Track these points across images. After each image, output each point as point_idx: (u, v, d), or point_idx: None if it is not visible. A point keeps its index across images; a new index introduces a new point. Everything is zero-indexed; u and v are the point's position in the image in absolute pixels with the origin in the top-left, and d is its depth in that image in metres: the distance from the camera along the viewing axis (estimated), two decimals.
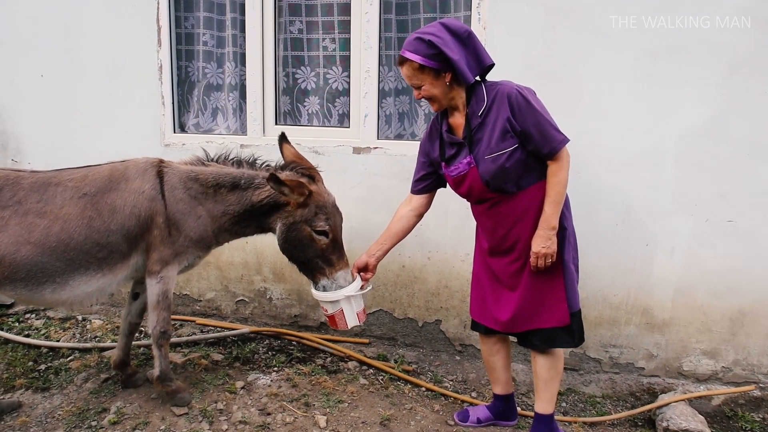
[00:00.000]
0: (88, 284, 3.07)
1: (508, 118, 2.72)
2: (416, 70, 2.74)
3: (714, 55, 3.43)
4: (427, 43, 2.67)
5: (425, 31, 2.72)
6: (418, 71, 2.74)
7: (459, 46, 2.71)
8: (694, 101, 3.51)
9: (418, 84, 2.78)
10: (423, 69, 2.72)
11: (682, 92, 3.51)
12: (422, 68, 2.72)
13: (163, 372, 3.33)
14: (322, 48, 4.21)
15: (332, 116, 4.29)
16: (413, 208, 3.16)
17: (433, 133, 3.02)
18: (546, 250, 2.78)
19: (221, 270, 4.48)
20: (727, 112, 3.47)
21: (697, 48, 3.45)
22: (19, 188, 3.02)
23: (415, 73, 2.75)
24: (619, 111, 3.62)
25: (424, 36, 2.68)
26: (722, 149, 3.51)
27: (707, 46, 3.44)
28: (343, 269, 3.23)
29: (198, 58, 4.39)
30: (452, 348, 4.15)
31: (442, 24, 2.73)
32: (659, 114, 3.57)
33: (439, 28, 2.71)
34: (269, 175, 2.92)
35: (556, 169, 2.76)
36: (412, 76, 2.77)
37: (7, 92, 4.61)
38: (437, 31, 2.69)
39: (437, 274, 4.09)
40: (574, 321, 2.93)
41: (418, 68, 2.73)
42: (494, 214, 2.92)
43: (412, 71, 2.75)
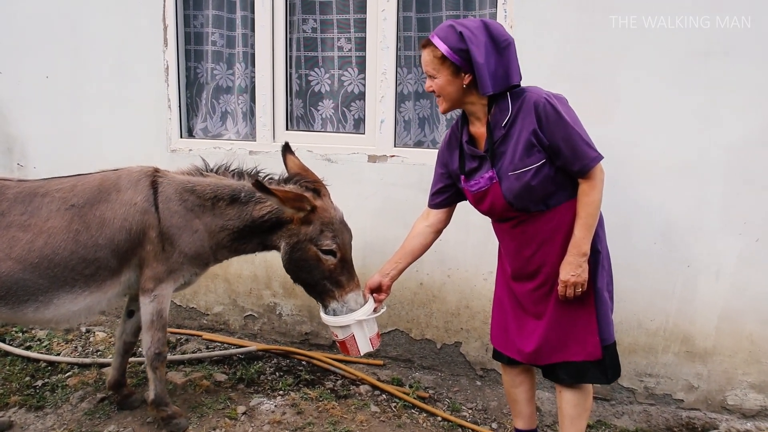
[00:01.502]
0: (74, 303, 2.85)
1: (535, 131, 2.42)
2: (437, 59, 2.46)
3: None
4: (458, 35, 2.40)
5: (463, 23, 2.44)
6: (438, 60, 2.46)
7: (492, 52, 2.41)
8: (745, 107, 3.15)
9: (434, 74, 2.50)
10: (444, 60, 2.44)
11: (731, 97, 3.16)
12: (443, 59, 2.44)
13: (158, 396, 3.10)
14: (337, 48, 3.94)
15: (347, 121, 4.02)
16: (431, 223, 2.87)
17: (453, 141, 2.72)
18: (576, 279, 2.47)
19: (229, 283, 4.25)
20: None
21: (749, 49, 3.09)
22: (3, 199, 2.81)
23: (435, 61, 2.47)
24: (659, 117, 3.27)
25: (458, 27, 2.41)
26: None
27: (761, 46, 3.08)
28: (354, 291, 2.96)
29: (207, 58, 4.16)
30: (473, 372, 3.84)
31: (483, 22, 2.44)
32: (705, 121, 3.22)
33: (479, 25, 2.43)
34: (254, 182, 2.67)
35: (587, 189, 2.45)
36: (429, 63, 2.49)
37: (13, 94, 4.45)
38: (475, 28, 2.41)
39: (457, 293, 3.79)
40: (607, 355, 2.61)
41: (440, 57, 2.45)
42: (518, 235, 2.61)
43: (431, 58, 2.48)
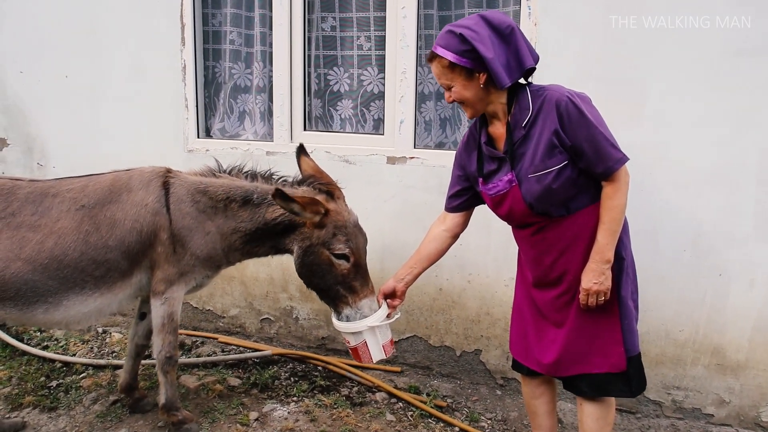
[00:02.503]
0: (84, 304, 2.81)
1: (556, 131, 2.30)
2: (446, 68, 2.36)
3: None
4: (459, 38, 2.29)
5: (460, 23, 2.34)
6: (448, 69, 2.35)
7: (498, 43, 2.30)
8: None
9: (448, 84, 2.40)
10: (453, 67, 2.34)
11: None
12: (453, 66, 2.34)
13: (168, 400, 3.05)
14: (357, 47, 3.86)
15: (367, 122, 3.93)
16: (447, 228, 2.77)
17: (471, 142, 2.62)
18: (598, 287, 2.34)
19: (246, 285, 4.19)
20: None
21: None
22: (14, 199, 2.78)
23: (445, 71, 2.37)
24: (690, 119, 3.12)
25: (456, 29, 2.30)
26: None
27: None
28: (368, 297, 2.87)
29: (225, 57, 4.11)
30: (493, 381, 3.72)
31: (481, 17, 2.33)
32: (739, 123, 3.06)
33: (477, 21, 2.31)
34: (274, 190, 2.59)
35: (611, 192, 2.32)
36: (441, 75, 2.39)
37: (33, 93, 4.44)
38: (473, 25, 2.30)
39: (478, 299, 3.68)
40: (631, 367, 2.48)
41: (448, 66, 2.34)
42: (539, 241, 2.50)
43: (441, 69, 2.37)
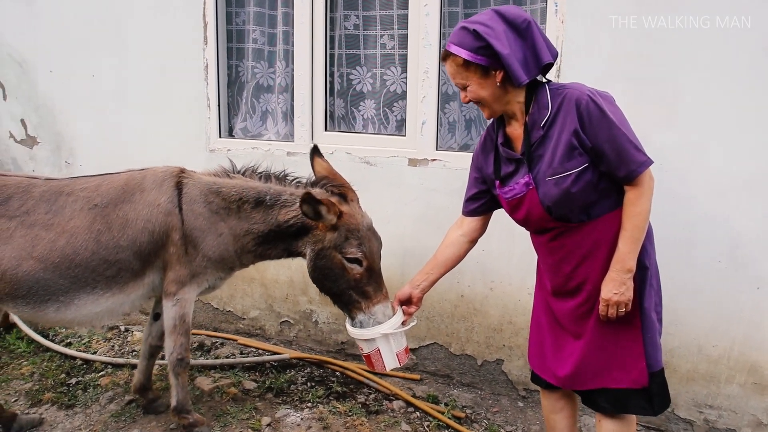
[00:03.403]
0: (96, 304, 2.79)
1: (576, 131, 2.18)
2: (460, 67, 2.25)
3: None
4: (472, 34, 2.18)
5: (474, 19, 2.23)
6: (462, 68, 2.25)
7: (514, 38, 2.19)
8: None
9: (463, 83, 2.29)
10: (468, 65, 2.23)
11: None
12: (467, 64, 2.23)
13: (179, 403, 3.01)
14: (380, 46, 3.77)
15: (389, 122, 3.84)
16: (465, 232, 2.66)
17: (488, 143, 2.50)
18: (619, 297, 2.21)
19: (266, 287, 4.14)
20: None
21: None
22: (29, 197, 2.78)
23: (460, 70, 2.26)
24: (727, 122, 2.94)
25: (470, 25, 2.19)
26: None
27: None
28: (381, 303, 2.77)
29: (248, 56, 4.07)
30: (515, 392, 3.59)
31: (495, 11, 2.22)
32: None
33: (491, 16, 2.20)
34: (303, 195, 2.51)
35: (634, 197, 2.18)
36: (456, 74, 2.29)
37: (62, 92, 4.49)
38: (488, 20, 2.19)
39: (500, 307, 3.55)
40: (654, 383, 2.33)
41: (463, 64, 2.24)
42: (558, 248, 2.37)
43: (455, 68, 2.27)
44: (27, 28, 4.52)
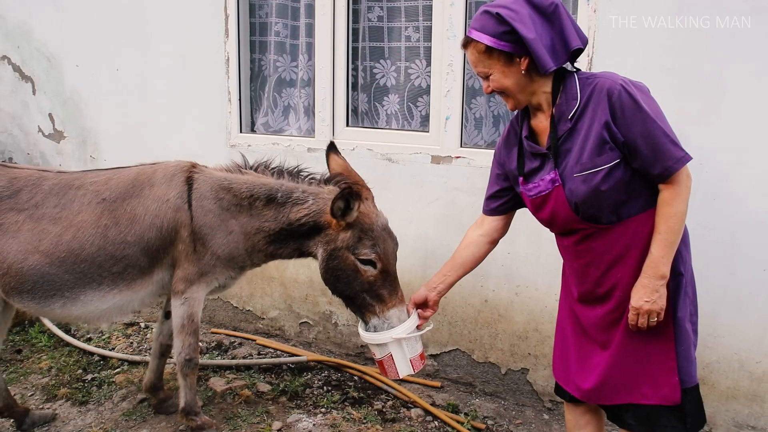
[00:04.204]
0: (103, 301, 2.71)
1: (607, 124, 1.99)
2: (482, 54, 2.08)
3: None
4: (495, 18, 2.02)
5: (496, 3, 2.06)
6: (484, 55, 2.08)
7: (540, 22, 2.02)
8: None
9: (486, 72, 2.12)
10: (491, 52, 2.06)
11: None
12: (490, 51, 2.06)
13: (188, 404, 2.92)
14: (405, 38, 3.63)
15: (413, 118, 3.70)
16: (485, 232, 2.48)
17: (511, 137, 2.33)
18: (650, 306, 2.02)
19: (285, 287, 4.04)
20: None
21: None
22: (39, 190, 2.72)
23: (481, 57, 2.09)
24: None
25: (492, 9, 2.03)
26: None
27: None
28: (396, 307, 2.63)
29: (270, 50, 3.97)
30: (540, 404, 3.39)
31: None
32: None
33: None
34: (345, 188, 2.42)
35: (669, 197, 1.99)
36: (477, 62, 2.12)
37: (88, 87, 4.47)
38: (512, 3, 2.02)
39: (526, 313, 3.36)
40: (687, 400, 2.13)
41: (485, 51, 2.07)
42: (585, 252, 2.18)
43: (477, 55, 2.10)
44: (54, 22, 4.52)
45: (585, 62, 2.97)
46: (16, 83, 4.81)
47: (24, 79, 4.77)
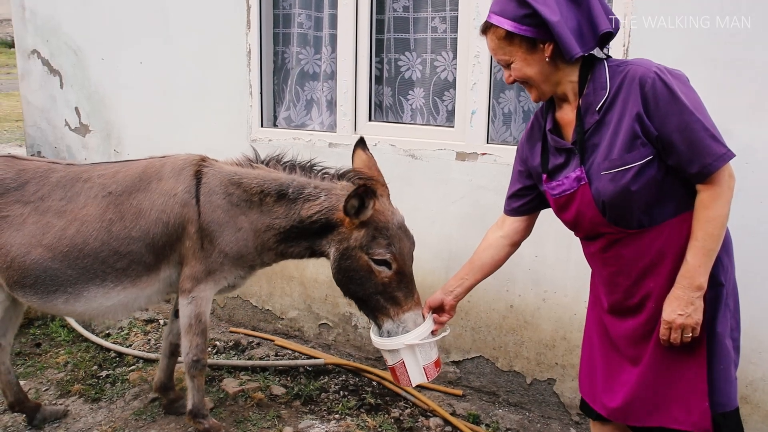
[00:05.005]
0: (107, 297, 2.63)
1: (639, 116, 1.80)
2: (502, 40, 1.91)
3: None
4: (516, 1, 1.84)
5: None
6: (505, 41, 1.91)
7: (566, 3, 1.84)
8: None
9: (507, 60, 1.94)
10: (512, 38, 1.89)
11: None
12: (510, 37, 1.89)
13: (195, 406, 2.82)
14: (431, 29, 3.46)
15: (439, 113, 3.53)
16: (505, 234, 2.31)
17: (535, 131, 2.15)
18: (684, 320, 1.81)
19: (305, 287, 3.92)
20: None
21: None
22: (46, 183, 2.65)
23: (502, 44, 1.92)
24: None
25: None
26: None
27: None
28: (412, 310, 2.48)
29: (293, 42, 3.85)
30: (567, 417, 3.19)
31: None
32: None
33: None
34: (361, 187, 2.29)
35: (709, 199, 1.78)
36: (497, 49, 1.95)
37: (112, 80, 4.44)
38: None
39: (554, 320, 3.16)
40: (726, 425, 1.92)
41: (505, 37, 1.90)
42: (613, 259, 1.99)
43: (497, 42, 1.93)
44: (81, 15, 4.50)
45: (620, 55, 2.76)
46: (45, 77, 4.82)
47: (52, 73, 4.77)
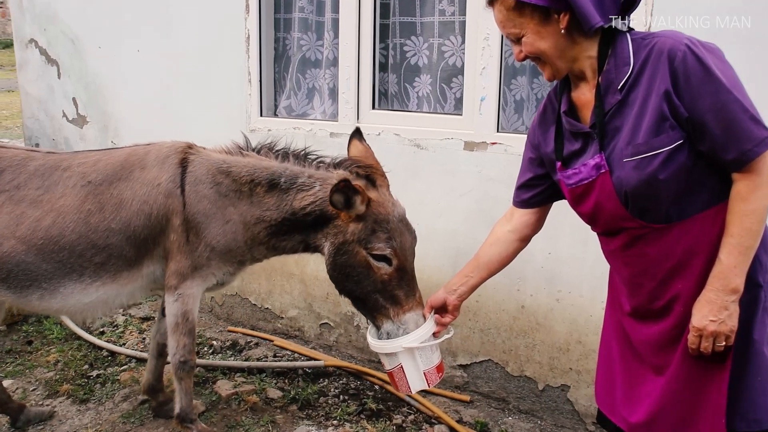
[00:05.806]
0: (85, 293, 2.46)
1: (667, 95, 1.58)
2: (511, 11, 1.69)
3: None
4: None
5: None
6: (513, 12, 1.69)
7: None
8: None
9: (517, 33, 1.72)
10: (522, 8, 1.67)
11: None
12: (520, 7, 1.67)
13: (182, 410, 2.65)
14: (438, 12, 3.25)
15: (447, 101, 3.32)
16: (514, 228, 2.09)
17: (548, 114, 1.93)
18: (716, 327, 1.60)
19: (305, 284, 3.73)
20: None
21: None
22: (22, 171, 2.49)
23: (511, 15, 1.70)
24: None
25: None
26: None
27: None
28: (414, 310, 2.29)
29: (294, 27, 3.66)
30: (581, 426, 2.98)
31: None
32: None
33: None
34: (341, 182, 2.10)
35: (746, 190, 1.56)
36: (506, 21, 1.73)
37: (109, 69, 4.29)
38: None
39: (568, 322, 2.95)
40: None
41: (514, 8, 1.68)
42: (636, 257, 1.77)
43: (505, 13, 1.71)
44: (78, 3, 4.35)
45: (642, 27, 2.54)
46: (43, 67, 4.68)
47: (50, 63, 4.63)
